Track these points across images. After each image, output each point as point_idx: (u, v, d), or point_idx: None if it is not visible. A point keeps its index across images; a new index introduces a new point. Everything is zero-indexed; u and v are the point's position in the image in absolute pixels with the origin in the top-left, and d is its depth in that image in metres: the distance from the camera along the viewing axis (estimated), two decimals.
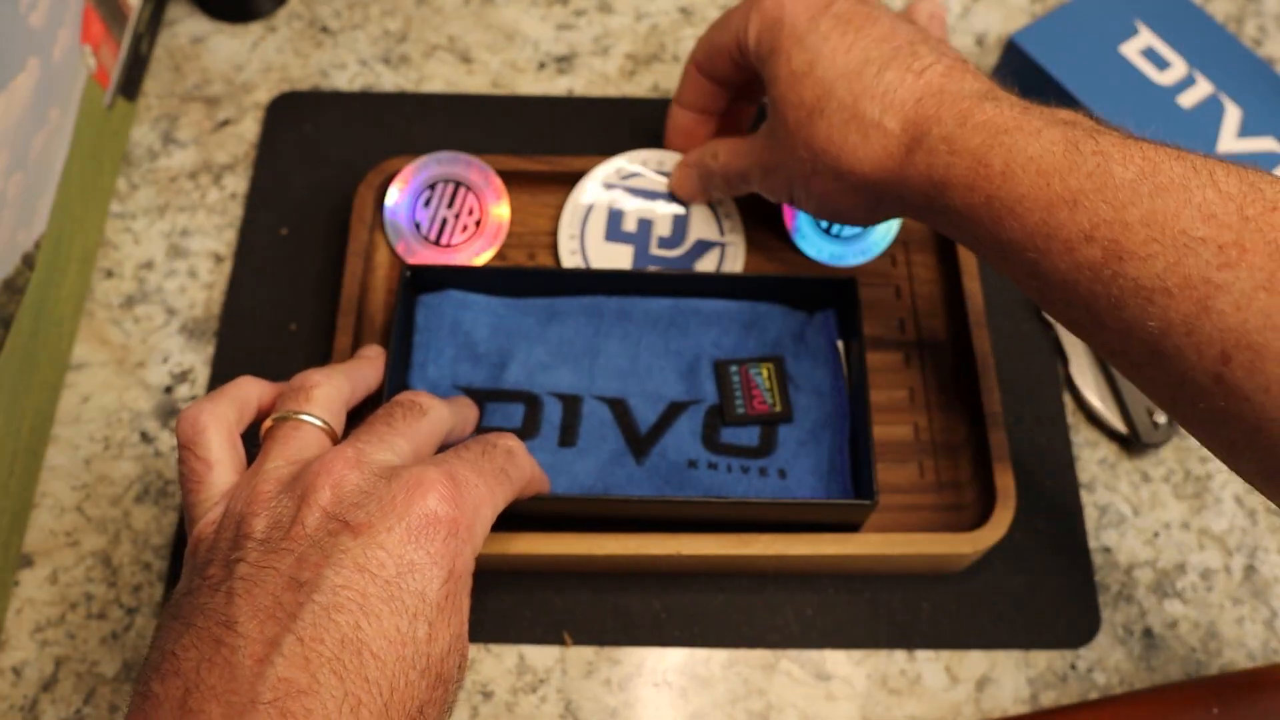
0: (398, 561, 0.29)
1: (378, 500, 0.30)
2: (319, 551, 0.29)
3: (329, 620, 0.28)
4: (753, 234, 0.51)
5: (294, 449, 0.33)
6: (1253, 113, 0.52)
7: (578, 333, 0.47)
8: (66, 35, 0.46)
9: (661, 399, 0.46)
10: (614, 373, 0.46)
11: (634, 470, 0.43)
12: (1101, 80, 0.53)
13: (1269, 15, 0.61)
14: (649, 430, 0.44)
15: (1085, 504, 0.47)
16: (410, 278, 0.45)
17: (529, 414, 0.44)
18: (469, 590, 0.32)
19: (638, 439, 0.44)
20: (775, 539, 0.42)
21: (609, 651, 0.44)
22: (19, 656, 0.43)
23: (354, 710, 0.27)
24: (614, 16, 0.60)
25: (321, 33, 0.59)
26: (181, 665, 0.28)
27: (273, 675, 0.27)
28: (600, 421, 0.44)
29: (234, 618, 0.28)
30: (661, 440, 0.44)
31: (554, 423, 0.44)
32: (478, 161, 0.50)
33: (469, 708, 0.42)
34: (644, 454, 0.44)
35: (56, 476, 0.47)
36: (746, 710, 0.43)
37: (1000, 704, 0.43)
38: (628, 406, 0.45)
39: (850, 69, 0.38)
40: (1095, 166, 0.32)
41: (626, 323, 0.47)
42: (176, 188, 0.54)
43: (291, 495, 0.31)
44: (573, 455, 0.43)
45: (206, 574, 0.30)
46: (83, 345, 0.50)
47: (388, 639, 0.28)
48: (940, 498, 0.46)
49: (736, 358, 0.46)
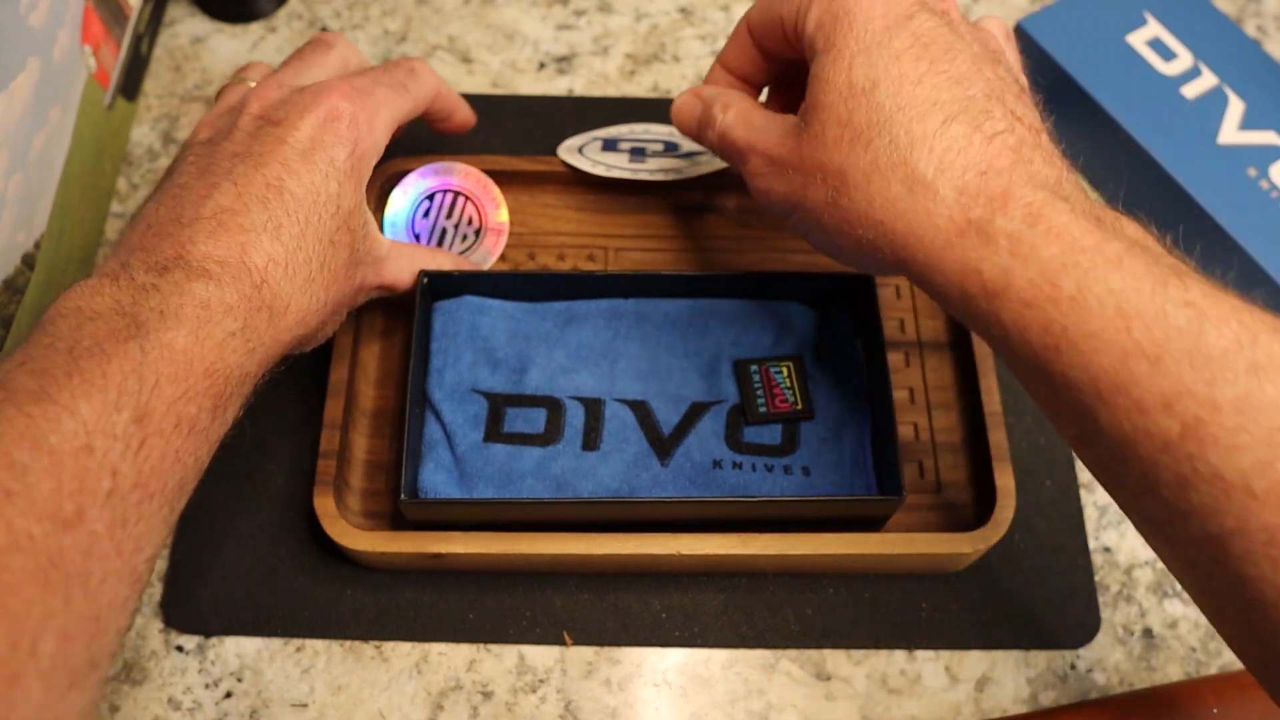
0: (310, 139, 0.38)
1: (293, 104, 0.39)
2: (249, 137, 0.39)
3: (255, 173, 0.37)
4: (764, 235, 0.51)
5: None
6: (1255, 106, 0.52)
7: (596, 335, 0.47)
8: (66, 35, 0.46)
9: (683, 400, 0.45)
10: (634, 375, 0.46)
11: (659, 472, 0.43)
12: (1107, 68, 0.53)
13: (1269, 15, 0.61)
14: (672, 431, 0.44)
15: (1085, 504, 0.47)
16: (427, 284, 0.45)
17: (551, 418, 0.44)
18: (368, 175, 0.40)
19: (661, 441, 0.44)
20: (775, 539, 0.42)
21: (609, 651, 0.44)
22: None
23: (276, 228, 0.37)
24: (614, 16, 0.60)
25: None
26: (149, 211, 0.37)
27: (211, 204, 0.36)
28: (623, 424, 0.44)
29: (186, 184, 0.38)
30: (685, 441, 0.44)
31: (576, 427, 0.44)
32: (475, 170, 0.50)
33: (469, 708, 0.43)
34: (668, 455, 0.44)
35: None
36: (746, 710, 0.43)
37: (1000, 704, 0.43)
38: (649, 409, 0.45)
39: (915, 106, 0.33)
40: (1186, 322, 0.28)
41: (645, 324, 0.47)
42: None
43: (230, 115, 0.41)
44: (596, 459, 0.44)
45: (170, 170, 0.40)
46: None
47: (304, 187, 0.38)
48: (940, 498, 0.46)
49: (756, 357, 0.46)
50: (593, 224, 0.52)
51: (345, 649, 0.43)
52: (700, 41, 0.59)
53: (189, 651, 0.43)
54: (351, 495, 0.45)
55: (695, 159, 0.51)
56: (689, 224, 0.52)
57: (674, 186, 0.52)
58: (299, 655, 0.43)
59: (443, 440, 0.44)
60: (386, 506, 0.45)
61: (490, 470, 0.43)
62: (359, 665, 0.43)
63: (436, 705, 0.43)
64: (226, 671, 0.43)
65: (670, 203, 0.52)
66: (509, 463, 0.43)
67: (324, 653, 0.43)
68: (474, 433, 0.44)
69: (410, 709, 0.42)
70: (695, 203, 0.52)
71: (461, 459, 0.43)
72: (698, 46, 0.59)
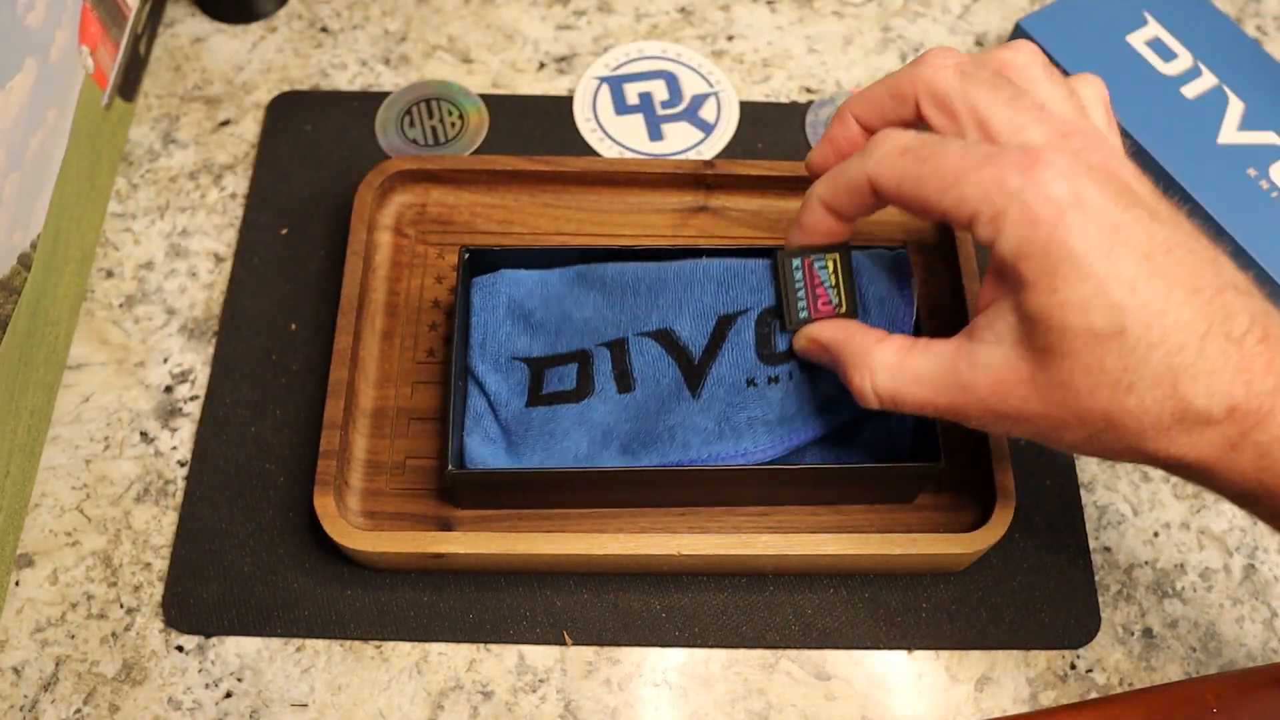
0: None
1: None
2: None
3: None
4: (765, 235, 0.51)
5: None
6: (1255, 106, 0.52)
7: (620, 281, 0.45)
8: (64, 36, 0.46)
9: (706, 316, 0.43)
10: (653, 307, 0.44)
11: (690, 406, 0.42)
12: (1107, 68, 0.53)
13: (1269, 15, 0.61)
14: (701, 355, 0.43)
15: (1085, 504, 0.47)
16: (469, 260, 0.46)
17: (582, 371, 0.44)
18: None
19: (692, 367, 0.43)
20: (775, 539, 0.42)
21: (609, 651, 0.44)
22: (19, 656, 0.43)
23: None
24: (614, 16, 0.60)
25: (321, 33, 0.59)
26: None
27: None
28: (652, 357, 0.43)
29: None
30: (716, 362, 0.42)
31: (606, 372, 0.43)
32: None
33: (469, 708, 0.42)
34: (699, 383, 0.42)
35: (56, 476, 0.47)
36: (746, 710, 0.43)
37: (1000, 704, 0.43)
38: (674, 335, 0.43)
39: (1168, 339, 0.30)
40: None
41: (666, 270, 0.45)
42: (176, 188, 0.54)
43: None
44: (633, 400, 0.43)
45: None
46: (82, 345, 0.50)
47: None
48: (940, 498, 0.46)
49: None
50: (593, 224, 0.52)
51: (345, 649, 0.43)
52: (700, 41, 0.59)
53: (189, 651, 0.43)
54: (351, 495, 0.45)
55: None
56: (689, 224, 0.52)
57: (674, 187, 0.52)
58: (299, 655, 0.43)
59: (488, 411, 0.44)
60: (387, 506, 0.45)
61: (534, 434, 0.43)
62: (359, 665, 0.43)
63: (436, 705, 0.42)
64: (226, 671, 0.43)
65: (671, 203, 0.52)
66: (551, 422, 0.43)
67: (324, 653, 0.43)
68: (517, 399, 0.44)
69: (410, 709, 0.42)
70: (695, 203, 0.52)
71: (507, 426, 0.44)
72: (698, 46, 0.59)
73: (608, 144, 0.55)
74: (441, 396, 0.47)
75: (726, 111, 0.56)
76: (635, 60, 0.58)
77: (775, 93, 0.58)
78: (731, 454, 0.42)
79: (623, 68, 0.58)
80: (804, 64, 0.59)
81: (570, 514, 0.45)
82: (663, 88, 0.57)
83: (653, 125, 0.56)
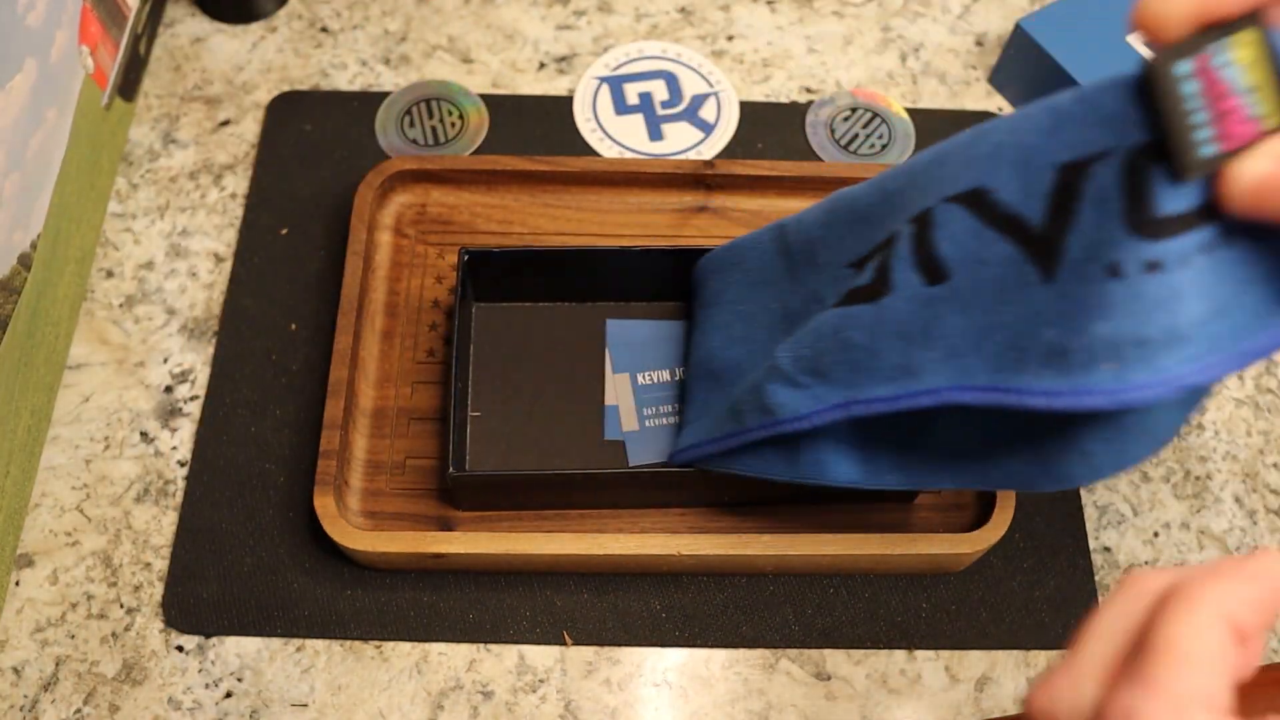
0: None
1: None
2: None
3: None
4: None
5: None
6: None
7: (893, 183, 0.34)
8: (64, 36, 0.46)
9: (1041, 166, 0.29)
10: (957, 175, 0.31)
11: (1042, 293, 0.28)
12: (1106, 69, 0.53)
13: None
14: (1046, 221, 0.28)
15: (1085, 504, 0.47)
16: (468, 262, 0.45)
17: (880, 267, 0.33)
18: None
19: (1031, 236, 0.29)
20: (775, 539, 0.42)
21: (609, 651, 0.44)
22: (19, 656, 0.43)
23: None
24: (614, 16, 0.60)
25: (321, 33, 0.59)
26: None
27: None
28: (968, 231, 0.30)
29: None
30: (1071, 230, 0.28)
31: (905, 258, 0.31)
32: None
33: (469, 708, 0.42)
34: (1057, 258, 0.28)
35: (57, 476, 0.47)
36: (746, 710, 0.43)
37: (1000, 704, 0.43)
38: (992, 198, 0.29)
39: None
40: None
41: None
42: (176, 188, 0.54)
43: None
44: (951, 295, 0.30)
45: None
46: (83, 345, 0.50)
47: None
48: (940, 498, 0.46)
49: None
50: (593, 224, 0.52)
51: (345, 649, 0.43)
52: (700, 41, 0.59)
53: (189, 651, 0.43)
54: (351, 495, 0.45)
55: None
56: (690, 224, 0.52)
57: (674, 187, 0.52)
58: (299, 655, 0.43)
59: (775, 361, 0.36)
60: (387, 506, 0.45)
61: (831, 358, 0.33)
62: (359, 665, 0.43)
63: (436, 705, 0.43)
64: (226, 671, 0.43)
65: (671, 203, 0.52)
66: (842, 329, 0.33)
67: (324, 653, 0.43)
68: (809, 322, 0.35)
69: (410, 709, 0.42)
70: (696, 203, 0.52)
71: (800, 359, 0.35)
72: (698, 46, 0.59)
73: (608, 144, 0.55)
74: (441, 397, 0.47)
75: (726, 111, 0.56)
76: (635, 60, 0.58)
77: (775, 93, 0.58)
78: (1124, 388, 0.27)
79: (623, 68, 0.58)
80: (804, 64, 0.59)
81: (570, 514, 0.45)
82: (663, 88, 0.57)
83: (653, 125, 0.56)
